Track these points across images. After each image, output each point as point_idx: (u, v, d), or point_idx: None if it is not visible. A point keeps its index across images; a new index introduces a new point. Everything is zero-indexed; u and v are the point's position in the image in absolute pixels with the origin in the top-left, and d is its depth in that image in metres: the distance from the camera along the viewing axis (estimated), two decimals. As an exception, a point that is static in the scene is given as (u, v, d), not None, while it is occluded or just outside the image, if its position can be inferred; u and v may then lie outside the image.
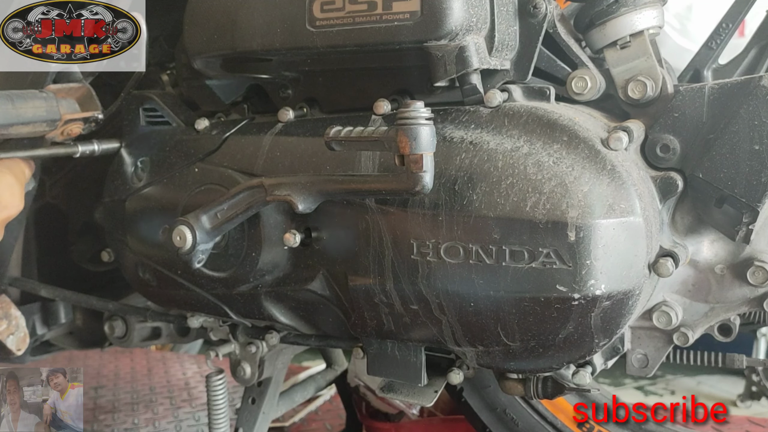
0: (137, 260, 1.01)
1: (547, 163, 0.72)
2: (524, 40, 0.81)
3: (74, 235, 1.28)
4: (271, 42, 0.83)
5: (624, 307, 0.73)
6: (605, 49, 0.80)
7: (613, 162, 0.72)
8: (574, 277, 0.70)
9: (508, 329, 0.75)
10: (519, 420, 1.05)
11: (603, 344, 0.75)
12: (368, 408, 1.40)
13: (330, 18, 0.79)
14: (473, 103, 0.80)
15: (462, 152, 0.76)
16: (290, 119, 0.91)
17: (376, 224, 0.80)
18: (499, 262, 0.72)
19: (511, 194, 0.72)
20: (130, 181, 1.01)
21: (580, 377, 0.81)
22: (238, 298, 0.93)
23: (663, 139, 0.77)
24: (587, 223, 0.69)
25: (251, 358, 1.13)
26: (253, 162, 0.89)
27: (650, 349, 0.85)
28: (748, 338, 2.24)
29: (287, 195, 0.79)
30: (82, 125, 0.99)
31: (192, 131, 0.98)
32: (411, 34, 0.76)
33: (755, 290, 0.79)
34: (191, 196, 0.92)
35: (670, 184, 0.76)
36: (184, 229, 0.85)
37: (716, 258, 0.81)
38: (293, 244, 0.84)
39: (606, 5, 0.78)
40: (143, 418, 1.65)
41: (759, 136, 0.72)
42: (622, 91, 0.79)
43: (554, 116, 0.74)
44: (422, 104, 0.70)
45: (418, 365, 0.84)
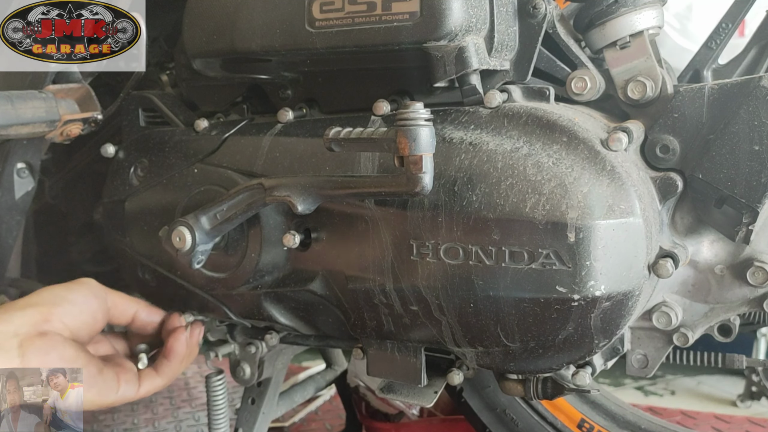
0: (137, 261, 1.01)
1: (547, 164, 0.72)
2: (524, 40, 0.81)
3: (74, 235, 1.28)
4: (270, 43, 0.83)
5: (624, 308, 0.73)
6: (605, 49, 0.80)
7: (613, 163, 0.71)
8: (574, 278, 0.70)
9: (508, 330, 0.75)
10: (519, 420, 1.04)
11: (603, 345, 0.75)
12: (368, 408, 1.40)
13: (329, 18, 0.79)
14: (473, 104, 0.80)
15: (461, 153, 0.75)
16: (290, 120, 0.91)
17: (375, 225, 0.80)
18: (499, 263, 0.72)
19: (510, 195, 0.72)
20: (129, 181, 1.01)
21: (580, 378, 0.81)
22: (238, 299, 0.93)
23: (663, 140, 0.77)
24: (587, 224, 0.69)
25: (251, 359, 1.12)
26: (252, 162, 0.89)
27: (650, 350, 0.85)
28: (748, 338, 2.24)
29: (286, 196, 0.79)
30: (82, 126, 1.00)
31: (191, 132, 0.98)
32: (410, 35, 0.76)
33: (755, 291, 0.79)
34: (191, 196, 0.92)
35: (669, 184, 0.76)
36: (184, 230, 0.85)
37: (716, 258, 0.81)
38: (293, 245, 0.84)
39: (606, 5, 0.78)
40: (143, 419, 1.65)
41: (759, 136, 0.72)
42: (621, 91, 0.79)
43: (554, 117, 0.74)
44: (422, 105, 0.70)
45: (417, 366, 0.84)
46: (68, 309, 0.84)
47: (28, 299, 0.84)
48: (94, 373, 0.83)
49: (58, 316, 0.83)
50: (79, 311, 0.85)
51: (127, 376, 0.89)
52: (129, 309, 0.94)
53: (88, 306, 0.87)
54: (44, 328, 0.81)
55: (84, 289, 0.88)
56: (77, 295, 0.87)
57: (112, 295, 0.91)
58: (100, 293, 0.90)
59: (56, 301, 0.84)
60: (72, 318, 0.84)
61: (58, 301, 0.84)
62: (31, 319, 0.80)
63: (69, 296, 0.86)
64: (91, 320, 0.87)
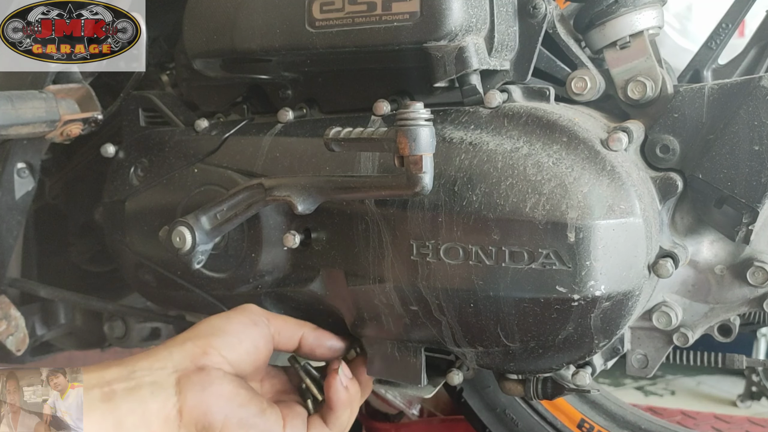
0: (137, 261, 1.01)
1: (547, 164, 0.72)
2: (524, 40, 0.81)
3: (74, 235, 1.28)
4: (270, 43, 0.83)
5: (624, 308, 0.73)
6: (605, 49, 0.80)
7: (613, 163, 0.72)
8: (574, 278, 0.70)
9: (508, 330, 0.75)
10: (519, 420, 1.04)
11: (603, 345, 0.75)
12: (368, 408, 1.40)
13: (329, 19, 0.79)
14: (473, 104, 0.80)
15: (461, 153, 0.75)
16: (290, 120, 0.91)
17: (375, 225, 0.80)
18: (499, 263, 0.72)
19: (510, 195, 0.72)
20: (129, 181, 1.01)
21: (580, 378, 0.81)
22: (238, 299, 0.93)
23: (663, 140, 0.77)
24: (587, 224, 0.69)
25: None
26: (252, 162, 0.89)
27: (650, 350, 0.85)
28: (748, 338, 2.24)
29: (287, 196, 0.79)
30: (82, 126, 1.00)
31: (191, 132, 0.98)
32: (410, 35, 0.76)
33: (755, 291, 0.79)
34: (191, 196, 0.92)
35: (669, 184, 0.76)
36: (184, 230, 0.85)
37: (716, 258, 0.81)
38: (293, 245, 0.84)
39: (606, 5, 0.78)
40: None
41: (759, 136, 0.72)
42: (621, 91, 0.79)
43: (554, 117, 0.74)
44: (422, 105, 0.70)
45: (417, 366, 0.84)
46: (227, 340, 0.78)
47: (187, 333, 0.79)
48: (254, 413, 0.76)
49: (217, 349, 0.77)
50: (238, 341, 0.79)
51: (295, 422, 0.80)
52: (295, 333, 0.85)
53: (247, 335, 0.80)
54: (202, 362, 0.76)
55: (243, 318, 0.81)
56: (235, 324, 0.80)
57: (275, 321, 0.84)
58: (261, 320, 0.82)
59: (214, 332, 0.78)
60: (231, 350, 0.78)
61: (215, 332, 0.78)
62: (189, 353, 0.76)
63: (227, 327, 0.79)
64: (252, 350, 0.80)
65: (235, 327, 0.80)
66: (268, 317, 0.83)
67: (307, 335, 0.85)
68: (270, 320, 0.83)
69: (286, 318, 0.86)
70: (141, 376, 0.73)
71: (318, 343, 0.86)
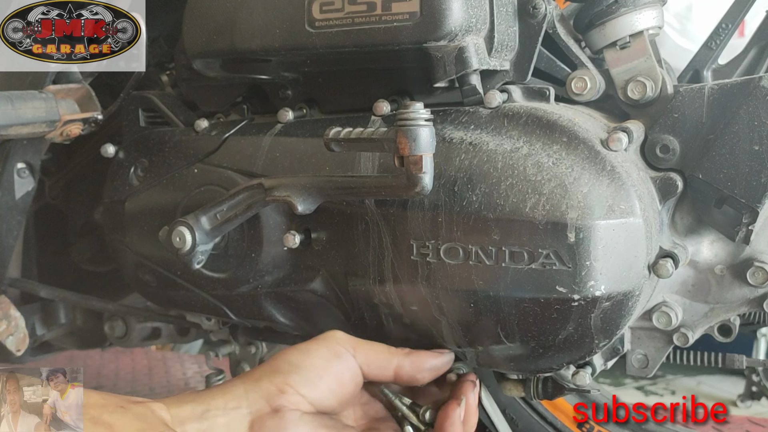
0: (137, 261, 1.01)
1: (547, 164, 0.72)
2: (524, 40, 0.81)
3: (74, 235, 1.28)
4: (270, 43, 0.83)
5: (624, 308, 0.73)
6: (605, 49, 0.80)
7: (613, 163, 0.72)
8: (574, 278, 0.70)
9: (508, 330, 0.75)
10: (519, 420, 1.04)
11: (603, 345, 0.75)
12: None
13: (329, 19, 0.79)
14: (473, 104, 0.80)
15: (461, 153, 0.75)
16: (290, 120, 0.91)
17: (375, 225, 0.80)
18: (499, 263, 0.72)
19: (510, 195, 0.72)
20: (129, 181, 1.01)
21: (580, 378, 0.81)
22: (238, 299, 0.93)
23: (663, 140, 0.77)
24: (587, 224, 0.69)
25: (251, 359, 1.13)
26: (252, 163, 0.89)
27: (650, 350, 0.85)
28: (748, 338, 2.24)
29: (287, 196, 0.79)
30: (82, 126, 1.00)
31: (191, 132, 0.98)
32: (410, 35, 0.76)
33: (755, 291, 0.79)
34: (191, 196, 0.92)
35: (669, 184, 0.76)
36: (184, 230, 0.85)
37: (716, 258, 0.81)
38: (293, 245, 0.84)
39: (605, 5, 0.78)
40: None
41: (759, 136, 0.72)
42: (621, 91, 0.79)
43: (554, 117, 0.74)
44: (422, 105, 0.70)
45: (417, 366, 0.84)
46: (305, 377, 0.72)
47: (264, 367, 0.74)
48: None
49: (294, 387, 0.71)
50: (318, 378, 0.72)
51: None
52: (387, 364, 0.76)
53: (329, 370, 0.73)
54: (278, 402, 0.70)
55: (323, 350, 0.74)
56: (315, 358, 0.73)
57: (362, 351, 0.75)
58: (345, 351, 0.74)
59: (291, 369, 0.72)
60: (311, 387, 0.72)
61: (292, 368, 0.72)
62: (265, 392, 0.71)
63: (305, 362, 0.73)
64: (336, 386, 0.73)
65: (315, 361, 0.73)
66: (355, 346, 0.76)
67: (403, 364, 0.77)
68: (357, 350, 0.76)
69: (375, 346, 0.77)
70: (215, 416, 0.69)
71: (417, 369, 0.77)
